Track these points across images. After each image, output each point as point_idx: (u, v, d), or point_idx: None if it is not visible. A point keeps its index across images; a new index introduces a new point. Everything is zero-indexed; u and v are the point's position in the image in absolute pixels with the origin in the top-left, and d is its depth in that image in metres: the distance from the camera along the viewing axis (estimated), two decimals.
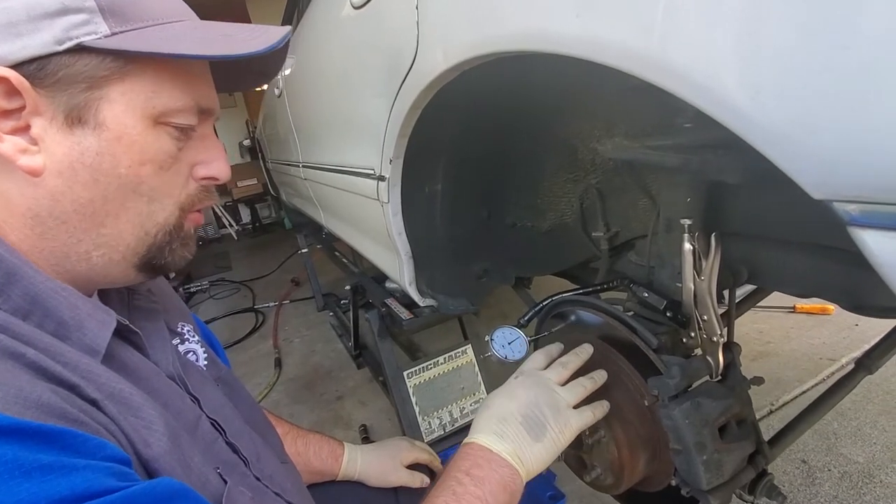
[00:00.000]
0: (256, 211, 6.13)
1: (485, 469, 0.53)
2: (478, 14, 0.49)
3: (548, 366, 0.64)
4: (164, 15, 0.42)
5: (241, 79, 0.53)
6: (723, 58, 0.28)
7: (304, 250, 2.88)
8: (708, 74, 0.28)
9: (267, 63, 0.46)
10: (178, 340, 0.55)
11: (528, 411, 0.57)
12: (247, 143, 6.08)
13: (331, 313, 2.77)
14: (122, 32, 0.39)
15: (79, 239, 0.40)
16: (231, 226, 5.79)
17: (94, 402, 0.35)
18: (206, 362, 0.56)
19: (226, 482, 0.43)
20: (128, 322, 0.43)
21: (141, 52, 0.38)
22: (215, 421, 0.49)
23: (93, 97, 0.38)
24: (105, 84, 0.39)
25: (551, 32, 0.39)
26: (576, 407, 0.60)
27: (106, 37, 0.38)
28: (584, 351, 0.66)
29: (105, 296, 0.48)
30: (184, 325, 0.58)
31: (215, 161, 0.47)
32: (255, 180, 5.83)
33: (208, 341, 0.65)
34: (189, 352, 0.55)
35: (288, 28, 0.45)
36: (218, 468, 0.44)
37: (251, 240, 5.82)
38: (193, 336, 0.57)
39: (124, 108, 0.39)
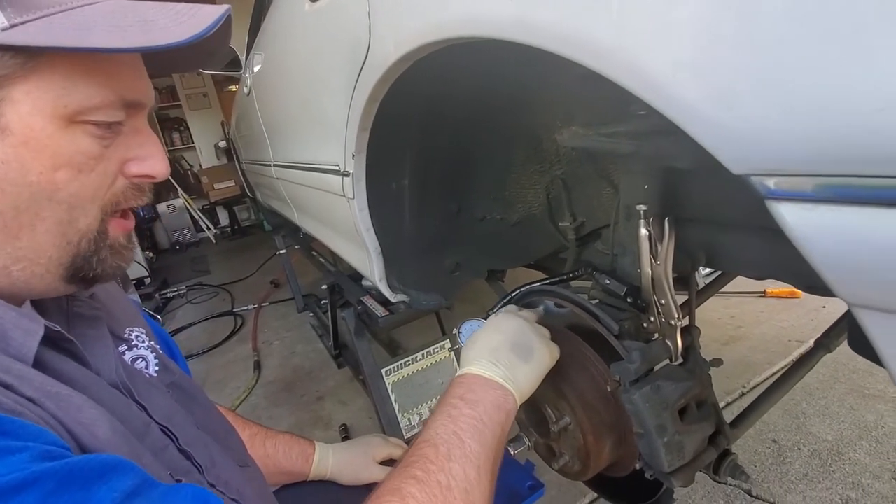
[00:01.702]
0: (235, 213, 6.02)
1: (478, 393, 0.55)
2: (423, 1, 0.49)
3: None
4: None
5: (180, 61, 0.49)
6: (644, 36, 0.27)
7: (281, 251, 2.84)
8: (631, 53, 0.28)
9: (209, 43, 0.40)
10: (125, 347, 0.53)
11: (516, 339, 0.61)
12: (222, 144, 5.99)
13: (311, 314, 2.75)
14: (23, 23, 0.34)
15: None
16: (208, 229, 5.69)
17: (31, 400, 0.33)
18: (157, 368, 0.54)
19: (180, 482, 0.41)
20: (60, 329, 0.40)
21: (42, 47, 0.34)
22: (166, 428, 0.47)
23: None
24: (6, 83, 0.34)
25: (488, 16, 0.38)
26: None
27: (3, 30, 0.33)
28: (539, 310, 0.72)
29: (40, 303, 0.45)
30: (132, 331, 0.55)
31: (150, 158, 0.43)
32: (233, 182, 5.71)
33: (164, 345, 0.63)
34: (137, 358, 0.53)
35: (224, 7, 0.41)
36: (170, 474, 0.42)
37: (230, 243, 5.72)
38: (144, 341, 0.55)
39: (30, 109, 0.35)
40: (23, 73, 0.35)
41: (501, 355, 0.58)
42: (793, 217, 0.24)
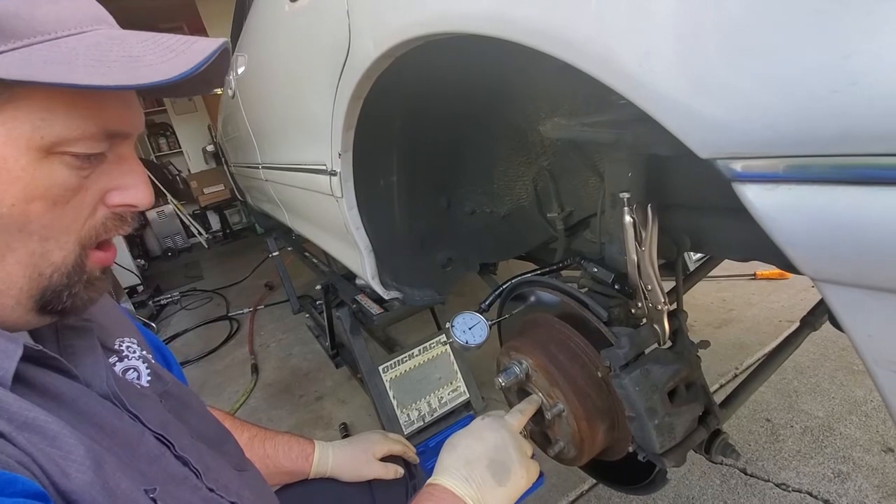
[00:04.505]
0: (226, 217, 5.98)
1: None
2: None
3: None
4: (63, 26, 0.36)
5: (177, 88, 0.46)
6: (615, 29, 0.28)
7: (274, 254, 2.83)
8: (603, 45, 0.29)
9: (202, 74, 0.39)
10: (116, 358, 0.52)
11: (495, 454, 0.58)
12: (210, 148, 5.93)
13: (307, 315, 2.74)
14: (1, 53, 0.33)
15: None
16: (200, 234, 5.66)
17: (1, 435, 0.33)
18: (149, 378, 0.53)
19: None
20: (42, 348, 0.39)
21: (17, 80, 0.32)
22: (161, 435, 0.47)
23: None
24: None
25: (465, 12, 0.39)
26: None
27: None
28: (534, 401, 0.69)
29: None
30: (122, 342, 0.55)
31: (133, 187, 0.42)
32: (223, 186, 5.68)
33: (158, 353, 0.63)
34: (128, 369, 0.52)
35: (220, 41, 0.39)
36: (154, 490, 0.41)
37: (222, 247, 5.69)
38: (135, 352, 0.55)
39: (4, 140, 0.34)
40: None
41: (476, 472, 0.57)
42: (756, 198, 0.25)
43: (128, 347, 0.56)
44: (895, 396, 0.24)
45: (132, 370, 0.54)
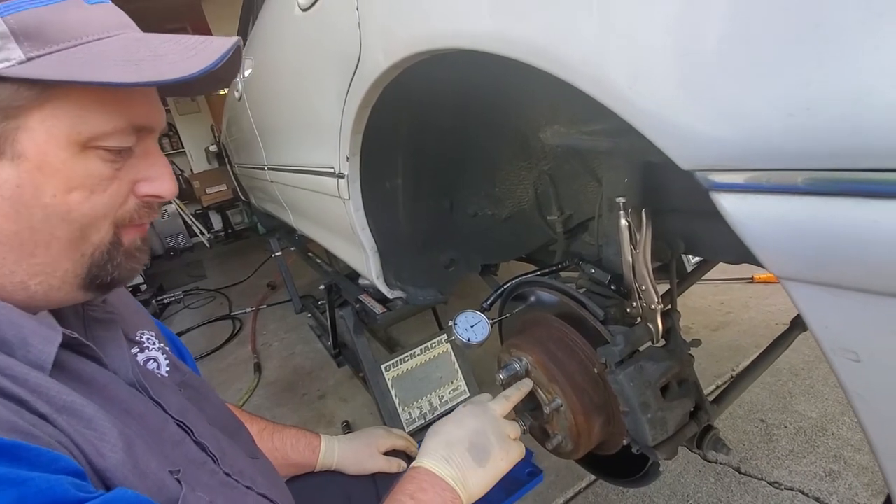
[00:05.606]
0: (228, 217, 6.02)
1: (429, 493, 0.56)
2: (410, 15, 0.52)
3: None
4: (91, 31, 0.39)
5: (192, 86, 0.50)
6: (606, 51, 0.31)
7: (277, 254, 2.86)
8: (596, 66, 0.32)
9: (218, 72, 0.42)
10: (138, 349, 0.56)
11: (475, 438, 0.61)
12: (213, 148, 5.97)
13: (309, 315, 2.77)
14: (38, 57, 0.36)
15: (11, 270, 0.39)
16: (202, 234, 5.69)
17: (43, 417, 0.35)
18: (167, 369, 0.57)
19: (181, 486, 0.43)
20: (77, 336, 0.42)
21: (56, 80, 0.36)
22: (181, 422, 0.50)
23: (9, 127, 0.36)
24: (21, 113, 0.36)
25: (469, 31, 0.42)
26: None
27: (20, 63, 0.35)
28: (525, 385, 0.71)
29: (58, 309, 0.47)
30: (143, 334, 0.58)
31: (159, 178, 0.45)
32: (225, 186, 5.71)
33: (173, 346, 0.66)
34: (149, 360, 0.56)
35: (234, 39, 0.43)
36: (178, 471, 0.44)
37: (224, 247, 5.72)
38: (154, 343, 0.58)
39: (45, 137, 0.37)
40: (38, 103, 0.37)
41: (456, 453, 0.59)
42: (730, 205, 0.28)
43: (148, 339, 0.59)
44: (849, 380, 0.27)
45: (152, 361, 0.57)
